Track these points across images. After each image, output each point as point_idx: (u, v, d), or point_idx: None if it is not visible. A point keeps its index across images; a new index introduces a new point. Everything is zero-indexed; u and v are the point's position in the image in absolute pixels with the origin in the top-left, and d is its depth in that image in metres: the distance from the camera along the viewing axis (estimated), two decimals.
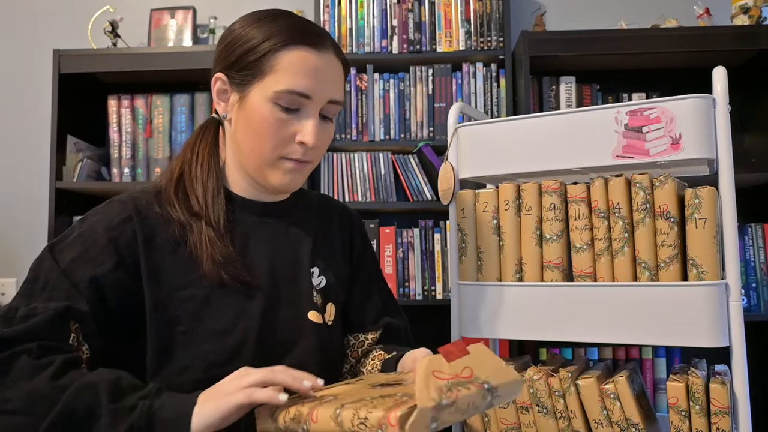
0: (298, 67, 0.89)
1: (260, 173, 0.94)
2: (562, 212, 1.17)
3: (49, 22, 2.42)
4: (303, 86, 0.89)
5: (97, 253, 0.85)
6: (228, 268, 0.89)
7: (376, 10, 2.14)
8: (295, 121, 0.91)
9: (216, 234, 0.90)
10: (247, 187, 0.98)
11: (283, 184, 0.94)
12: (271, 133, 0.90)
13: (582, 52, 1.97)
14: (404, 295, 2.06)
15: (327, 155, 2.12)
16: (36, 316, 0.80)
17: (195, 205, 0.92)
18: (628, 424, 1.11)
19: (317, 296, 0.98)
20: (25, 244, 2.32)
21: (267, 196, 1.00)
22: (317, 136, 0.91)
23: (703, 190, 1.07)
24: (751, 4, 1.99)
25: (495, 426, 1.21)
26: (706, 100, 1.09)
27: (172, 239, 0.90)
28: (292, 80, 0.89)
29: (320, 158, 0.98)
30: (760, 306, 1.93)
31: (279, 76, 0.89)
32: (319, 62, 0.91)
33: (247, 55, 0.91)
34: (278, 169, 0.93)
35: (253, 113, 0.90)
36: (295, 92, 0.89)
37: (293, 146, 0.92)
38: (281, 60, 0.89)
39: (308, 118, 0.91)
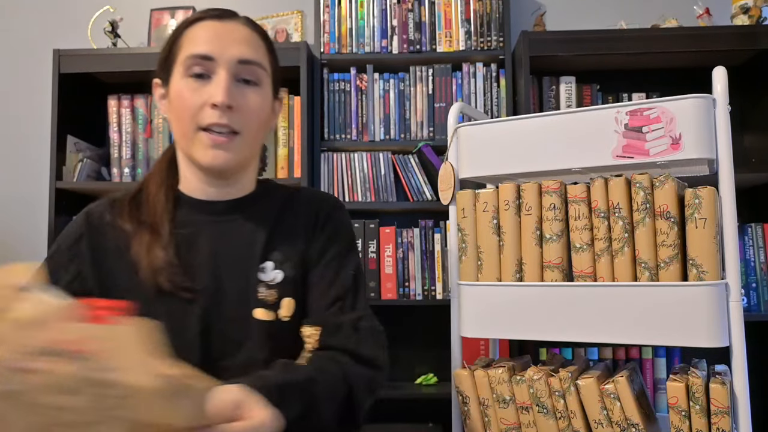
0: (198, 35, 0.92)
1: (190, 155, 0.94)
2: (562, 212, 1.17)
3: (49, 22, 2.42)
4: (202, 48, 0.91)
5: (58, 269, 0.93)
6: (166, 275, 0.90)
7: (376, 10, 2.14)
8: (205, 87, 0.91)
9: (156, 241, 0.92)
10: (202, 188, 0.98)
11: (206, 161, 0.92)
12: (185, 104, 0.91)
13: (582, 52, 1.97)
14: (404, 295, 2.06)
15: (327, 155, 2.12)
16: None
17: (144, 214, 0.95)
18: (628, 424, 1.11)
19: (268, 292, 0.94)
20: (25, 244, 2.32)
21: (225, 194, 0.99)
22: (228, 93, 0.90)
23: (703, 190, 1.07)
24: (751, 4, 1.99)
25: (495, 426, 1.21)
26: (706, 100, 1.09)
27: (119, 246, 0.94)
28: (193, 47, 0.91)
29: (253, 129, 0.94)
30: (760, 306, 1.93)
31: (184, 49, 0.92)
32: (219, 27, 0.93)
33: (164, 51, 0.96)
34: (199, 144, 0.92)
35: (173, 96, 0.93)
36: (195, 55, 0.91)
37: (207, 112, 0.90)
38: (185, 38, 0.93)
39: (216, 78, 0.91)
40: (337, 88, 2.15)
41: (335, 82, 2.15)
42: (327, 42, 2.14)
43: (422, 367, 2.17)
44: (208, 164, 0.93)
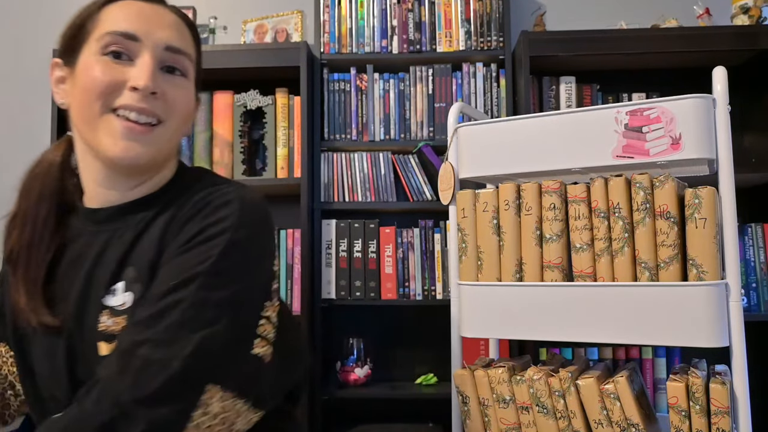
0: (121, 12, 0.79)
1: (96, 144, 0.78)
2: (562, 212, 1.17)
3: (49, 22, 2.42)
4: (127, 26, 0.77)
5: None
6: (31, 317, 0.80)
7: (376, 10, 2.14)
8: (125, 68, 0.77)
9: (26, 271, 0.82)
10: (99, 192, 0.83)
11: (115, 152, 0.76)
12: (98, 82, 0.76)
13: (582, 52, 1.97)
14: (404, 295, 2.06)
15: (327, 155, 2.12)
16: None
17: (22, 238, 0.83)
18: (628, 424, 1.11)
19: (113, 321, 0.76)
20: None
21: (114, 200, 0.83)
22: (153, 78, 0.77)
23: (703, 190, 1.07)
24: (751, 4, 1.99)
25: (495, 426, 1.21)
26: (706, 100, 1.09)
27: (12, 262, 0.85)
28: (115, 23, 0.78)
29: (177, 121, 0.81)
30: (760, 306, 1.93)
31: (102, 25, 0.78)
32: (146, 8, 0.81)
33: (72, 28, 0.82)
34: (107, 130, 0.76)
35: (82, 74, 0.78)
36: (116, 32, 0.77)
37: (124, 93, 0.76)
38: (104, 14, 0.80)
39: (139, 61, 0.77)
40: (337, 88, 2.15)
41: (335, 82, 2.15)
42: (327, 42, 2.14)
43: (422, 367, 2.17)
44: (116, 157, 0.76)
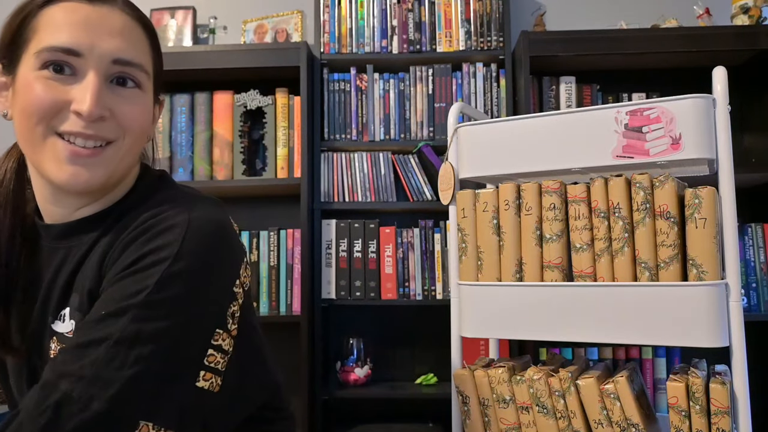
0: (61, 20, 0.70)
1: (40, 168, 0.72)
2: (562, 212, 1.17)
3: None
4: (66, 40, 0.69)
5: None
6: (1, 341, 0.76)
7: (376, 10, 2.14)
8: (69, 86, 0.70)
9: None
10: (48, 207, 0.78)
11: (61, 179, 0.70)
12: (37, 102, 0.69)
13: (582, 52, 1.97)
14: (404, 295, 2.06)
15: (327, 155, 2.12)
16: None
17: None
18: (628, 424, 1.11)
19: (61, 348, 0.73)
20: None
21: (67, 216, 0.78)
22: (98, 102, 0.70)
23: (703, 190, 1.07)
24: (751, 4, 1.99)
25: (495, 426, 1.21)
26: (706, 100, 1.09)
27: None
28: (54, 36, 0.70)
29: (129, 140, 0.74)
30: (760, 306, 1.93)
31: (41, 36, 0.70)
32: (90, 12, 0.71)
33: (9, 30, 0.73)
34: (51, 154, 0.70)
35: (21, 90, 0.71)
36: (56, 48, 0.69)
37: (68, 117, 0.70)
38: (42, 19, 0.71)
39: (83, 80, 0.70)
40: (337, 88, 2.15)
41: (335, 82, 2.15)
42: (327, 42, 2.14)
43: (422, 367, 2.17)
44: (63, 183, 0.71)
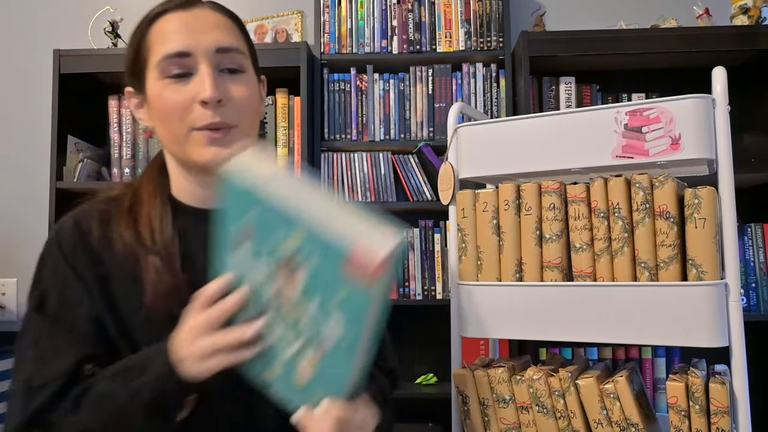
0: (164, 33, 0.84)
1: (184, 156, 0.86)
2: (562, 212, 1.17)
3: (49, 22, 2.42)
4: (175, 46, 0.83)
5: (73, 291, 0.84)
6: (176, 300, 0.82)
7: (376, 10, 2.14)
8: (188, 85, 0.83)
9: (164, 263, 0.84)
10: (199, 195, 0.91)
11: (206, 158, 0.84)
12: (170, 106, 0.83)
13: (582, 52, 1.97)
14: (404, 296, 2.06)
15: (327, 155, 2.12)
16: (50, 384, 0.79)
17: (142, 230, 0.86)
18: (628, 424, 1.11)
19: None
20: (25, 244, 2.32)
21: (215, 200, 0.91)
22: (216, 87, 0.83)
23: (702, 190, 1.07)
24: (751, 5, 1.99)
25: (495, 426, 1.21)
26: (705, 100, 1.09)
27: (118, 262, 0.85)
28: (163, 47, 0.84)
29: (247, 120, 0.87)
30: (760, 306, 1.93)
31: (155, 50, 0.85)
32: (186, 17, 0.85)
33: (130, 56, 0.88)
34: (193, 144, 0.84)
35: (153, 100, 0.86)
36: (170, 55, 0.83)
37: (198, 111, 0.83)
38: (151, 37, 0.86)
39: (198, 75, 0.83)
40: (337, 89, 2.15)
41: (335, 83, 2.15)
42: (327, 42, 2.14)
43: (422, 367, 2.17)
44: (207, 162, 0.84)
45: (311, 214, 0.65)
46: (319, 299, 0.67)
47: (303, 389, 0.71)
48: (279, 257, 0.69)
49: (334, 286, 0.65)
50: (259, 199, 0.69)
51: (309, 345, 0.69)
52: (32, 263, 0.88)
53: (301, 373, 0.71)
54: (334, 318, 0.66)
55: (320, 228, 0.64)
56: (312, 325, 0.68)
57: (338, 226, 0.64)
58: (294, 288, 0.68)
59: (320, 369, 0.69)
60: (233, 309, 0.73)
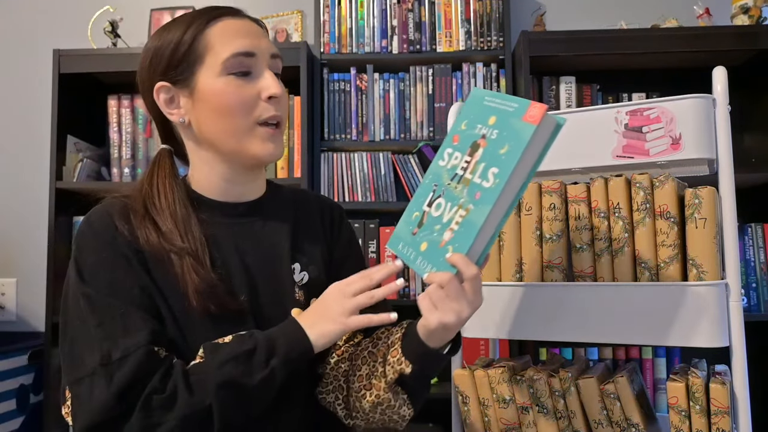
0: (231, 33, 0.91)
1: (242, 149, 0.92)
2: (562, 212, 1.17)
3: (49, 22, 2.42)
4: (244, 46, 0.90)
5: (122, 270, 0.86)
6: (213, 299, 0.87)
7: (376, 10, 2.14)
8: (251, 83, 0.91)
9: (196, 262, 0.88)
10: (223, 187, 0.97)
11: (268, 152, 0.93)
12: (236, 101, 0.90)
13: (582, 52, 1.97)
14: (404, 295, 2.06)
15: (327, 155, 2.12)
16: (132, 354, 0.80)
17: (167, 232, 0.89)
18: (628, 424, 1.11)
19: (300, 293, 0.97)
20: (25, 244, 2.32)
21: (244, 193, 0.98)
22: (279, 83, 0.93)
23: (703, 190, 1.07)
24: (751, 4, 1.99)
25: (495, 426, 1.21)
26: (706, 100, 1.09)
27: (150, 255, 0.89)
28: (232, 45, 0.90)
29: (287, 117, 0.97)
30: (760, 306, 1.93)
31: (218, 48, 0.90)
32: (244, 24, 0.93)
33: (177, 51, 0.91)
34: (257, 138, 0.92)
35: (211, 96, 0.90)
36: (240, 53, 0.90)
37: (262, 105, 0.91)
38: (211, 36, 0.91)
39: (263, 73, 0.92)
40: (337, 88, 2.15)
41: (335, 82, 2.15)
42: (327, 42, 2.14)
43: None
44: (266, 156, 0.93)
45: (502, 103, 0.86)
46: (484, 164, 0.83)
47: (441, 249, 0.83)
48: (472, 142, 0.87)
49: (502, 143, 0.82)
50: (479, 102, 0.89)
51: (461, 207, 0.83)
52: (32, 263, 0.90)
53: (446, 234, 0.84)
54: (490, 173, 0.82)
55: (507, 105, 0.85)
56: (470, 190, 0.83)
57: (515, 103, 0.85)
58: (472, 166, 0.85)
59: (461, 225, 0.82)
60: (385, 296, 0.86)
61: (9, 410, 2.01)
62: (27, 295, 2.30)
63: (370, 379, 0.92)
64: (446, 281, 0.81)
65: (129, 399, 0.79)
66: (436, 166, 0.91)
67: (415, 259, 0.87)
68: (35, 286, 2.24)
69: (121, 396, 0.78)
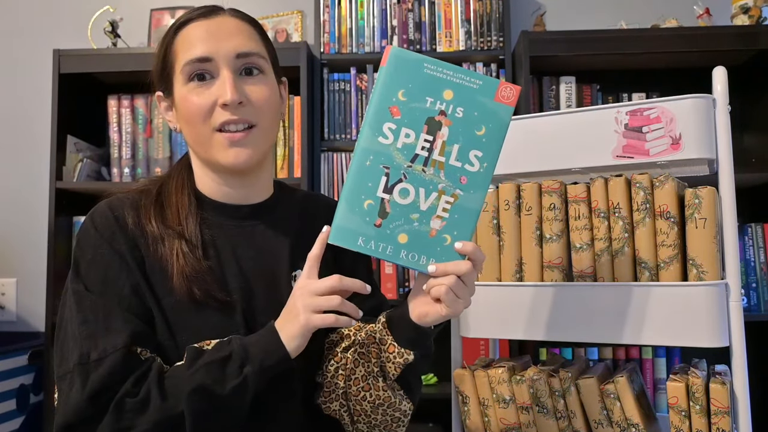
0: (189, 39, 0.91)
1: (209, 157, 0.92)
2: (562, 212, 1.17)
3: (49, 22, 2.42)
4: (198, 52, 0.89)
5: (117, 273, 0.87)
6: (199, 284, 0.88)
7: (376, 10, 2.14)
8: (210, 89, 0.90)
9: (188, 247, 0.89)
10: (223, 190, 0.97)
11: (228, 161, 0.90)
12: (194, 109, 0.89)
13: (582, 52, 1.97)
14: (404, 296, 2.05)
15: (327, 155, 2.12)
16: (109, 356, 0.81)
17: (169, 218, 0.91)
18: (628, 424, 1.11)
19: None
20: (25, 244, 2.32)
21: (246, 196, 0.98)
22: (236, 90, 0.88)
23: (703, 190, 1.07)
24: (751, 4, 1.99)
25: (495, 426, 1.21)
26: (706, 100, 1.09)
27: (150, 244, 0.90)
28: (188, 52, 0.90)
29: (267, 119, 0.93)
30: (760, 306, 1.93)
31: (180, 57, 0.91)
32: (209, 25, 0.91)
33: (159, 63, 0.95)
34: (218, 145, 0.90)
35: (179, 104, 0.92)
36: (192, 60, 0.89)
37: (218, 112, 0.89)
38: (177, 45, 0.92)
39: (219, 78, 0.89)
40: (337, 88, 2.15)
41: (335, 82, 2.15)
42: (327, 42, 2.14)
43: None
44: (230, 164, 0.91)
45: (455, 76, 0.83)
46: (458, 146, 0.82)
47: (434, 239, 0.82)
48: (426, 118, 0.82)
49: (477, 124, 0.81)
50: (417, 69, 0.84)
51: (445, 193, 0.82)
52: (32, 263, 0.90)
53: (434, 223, 0.82)
54: (472, 156, 0.81)
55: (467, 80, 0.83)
56: (450, 174, 0.82)
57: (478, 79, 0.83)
58: (437, 145, 0.81)
59: (452, 213, 0.82)
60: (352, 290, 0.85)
61: (9, 410, 2.01)
62: (27, 295, 2.30)
63: (367, 380, 0.91)
64: (468, 271, 0.80)
65: (102, 401, 0.79)
66: (376, 143, 0.81)
67: (397, 253, 0.82)
68: (35, 286, 2.24)
69: (93, 398, 0.79)
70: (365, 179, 0.81)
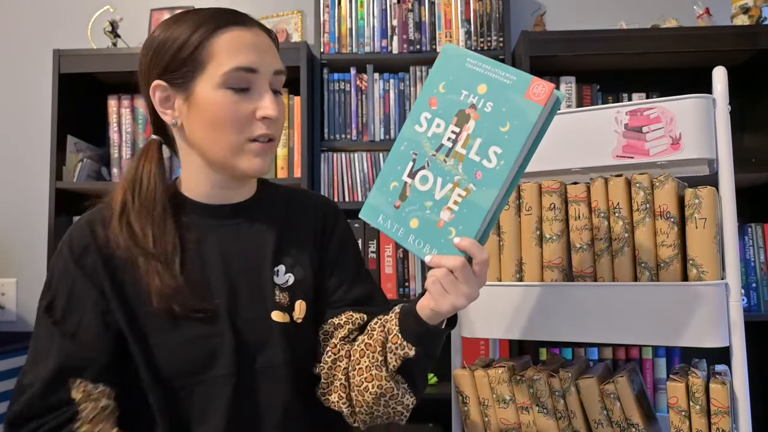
0: (236, 45, 0.89)
1: (229, 163, 0.91)
2: (562, 212, 1.17)
3: (49, 22, 2.42)
4: (248, 61, 0.88)
5: (79, 293, 0.88)
6: (178, 301, 0.88)
7: (376, 10, 2.14)
8: (249, 99, 0.89)
9: (162, 266, 0.88)
10: (210, 192, 0.96)
11: (254, 169, 0.91)
12: (230, 117, 0.88)
13: (582, 52, 1.97)
14: (404, 296, 2.06)
15: (327, 155, 2.12)
16: (33, 387, 0.85)
17: (140, 237, 0.89)
18: (628, 424, 1.11)
19: (282, 295, 0.96)
20: (25, 244, 2.32)
21: (232, 197, 0.98)
22: (276, 106, 0.91)
23: (703, 190, 1.07)
24: (751, 4, 1.99)
25: (495, 426, 1.21)
26: (706, 100, 1.09)
27: (123, 259, 0.90)
28: (235, 59, 0.88)
29: (281, 134, 0.96)
30: (760, 306, 1.93)
31: (221, 59, 0.88)
32: (253, 37, 0.91)
33: (180, 53, 0.89)
34: (247, 153, 0.90)
35: (207, 106, 0.88)
36: (242, 68, 0.88)
37: (256, 124, 0.90)
38: (217, 45, 0.88)
39: (262, 92, 0.90)
40: (337, 88, 2.15)
41: (335, 82, 2.15)
42: (327, 42, 2.14)
43: None
44: (254, 171, 0.92)
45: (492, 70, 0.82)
46: (481, 140, 0.81)
47: (441, 229, 0.82)
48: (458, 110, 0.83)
49: (503, 120, 0.80)
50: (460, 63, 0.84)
51: (459, 186, 0.82)
52: (32, 263, 0.91)
53: (444, 214, 0.82)
54: (491, 152, 0.80)
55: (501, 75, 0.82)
56: (467, 167, 0.81)
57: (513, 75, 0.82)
58: (462, 137, 0.82)
59: (462, 207, 0.81)
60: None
61: None
62: (27, 295, 2.30)
63: (371, 371, 0.91)
64: (459, 267, 0.80)
65: (17, 428, 0.83)
66: (412, 131, 0.86)
67: (406, 237, 0.85)
68: (35, 286, 2.24)
69: (12, 422, 0.84)
70: (396, 163, 0.86)
